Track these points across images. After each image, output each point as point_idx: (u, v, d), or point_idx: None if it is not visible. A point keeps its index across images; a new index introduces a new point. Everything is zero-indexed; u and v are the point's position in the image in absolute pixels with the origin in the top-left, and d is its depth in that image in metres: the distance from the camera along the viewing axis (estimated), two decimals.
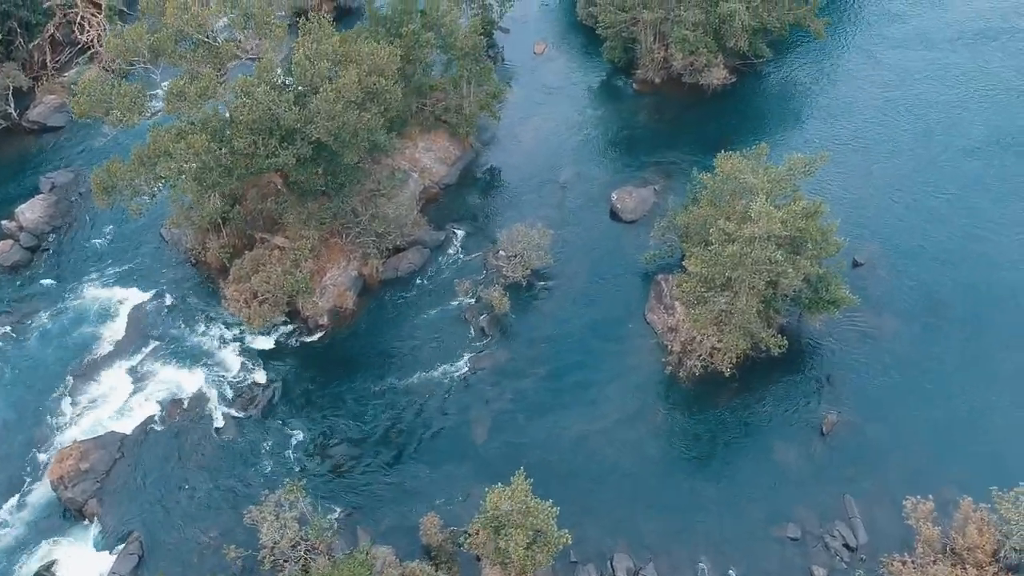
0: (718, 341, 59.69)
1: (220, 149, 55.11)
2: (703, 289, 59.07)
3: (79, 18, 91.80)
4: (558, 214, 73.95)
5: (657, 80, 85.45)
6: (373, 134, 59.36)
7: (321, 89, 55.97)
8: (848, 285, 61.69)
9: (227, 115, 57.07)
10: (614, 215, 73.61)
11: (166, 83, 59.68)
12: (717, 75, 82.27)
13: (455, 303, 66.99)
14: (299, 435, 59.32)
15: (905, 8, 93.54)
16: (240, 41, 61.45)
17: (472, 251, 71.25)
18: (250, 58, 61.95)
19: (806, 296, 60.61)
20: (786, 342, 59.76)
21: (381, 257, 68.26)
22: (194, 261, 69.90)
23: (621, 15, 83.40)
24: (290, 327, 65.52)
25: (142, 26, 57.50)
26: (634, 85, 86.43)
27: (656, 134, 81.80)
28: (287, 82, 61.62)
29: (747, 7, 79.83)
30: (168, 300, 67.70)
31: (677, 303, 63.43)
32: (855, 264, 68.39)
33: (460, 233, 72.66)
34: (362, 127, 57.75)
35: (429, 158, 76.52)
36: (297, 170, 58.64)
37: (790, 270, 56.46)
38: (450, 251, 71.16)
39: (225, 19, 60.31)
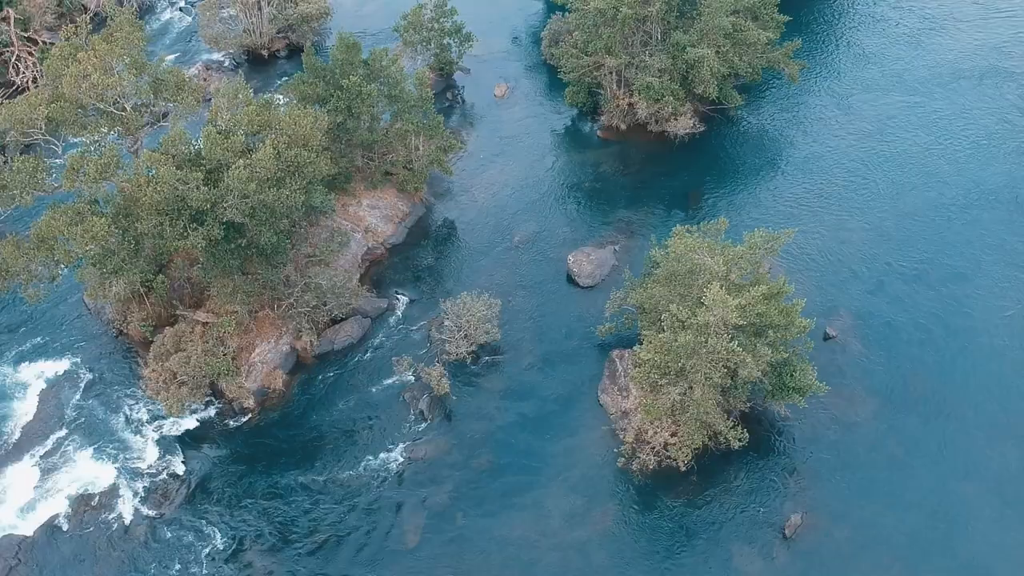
0: (672, 435, 54.83)
1: (124, 232, 50.16)
2: (656, 375, 54.23)
3: (14, 58, 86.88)
4: (511, 278, 69.06)
5: (623, 126, 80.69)
6: (294, 211, 54.38)
7: (234, 166, 50.98)
8: (817, 366, 56.88)
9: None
10: (570, 279, 68.73)
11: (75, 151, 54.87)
12: (684, 124, 77.46)
13: (394, 381, 62.06)
14: (216, 537, 54.26)
15: (882, 48, 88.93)
16: (152, 106, 56.45)
17: (417, 320, 66.35)
18: (162, 125, 57.07)
19: (769, 382, 55.83)
20: (747, 434, 54.87)
21: (316, 330, 63.36)
22: (116, 332, 64.99)
23: (584, 59, 78.58)
24: (214, 410, 60.56)
25: (41, 94, 52.56)
26: (598, 132, 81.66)
27: (619, 187, 76.97)
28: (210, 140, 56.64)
29: (717, 52, 75.20)
30: (86, 377, 62.70)
31: (632, 384, 58.62)
32: (826, 337, 63.63)
33: (404, 300, 67.75)
34: (280, 205, 52.75)
35: (375, 216, 71.64)
36: (209, 252, 53.68)
37: (748, 360, 51.62)
38: (392, 321, 66.25)
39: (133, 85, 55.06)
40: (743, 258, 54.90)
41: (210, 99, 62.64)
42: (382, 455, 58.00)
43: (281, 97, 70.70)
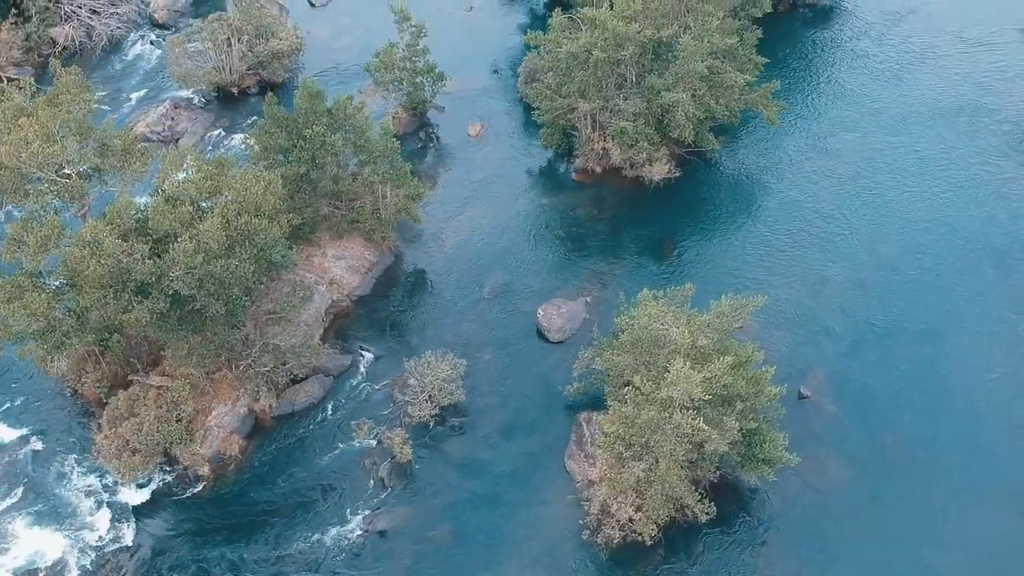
0: (637, 510, 53.07)
1: (67, 309, 48.34)
2: (621, 448, 52.49)
3: None
4: (479, 333, 67.27)
5: (598, 169, 78.88)
6: (245, 280, 52.50)
7: (180, 238, 49.14)
8: (789, 430, 55.26)
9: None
10: (540, 334, 66.99)
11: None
12: (659, 170, 75.69)
13: (355, 446, 60.28)
14: None
15: (861, 85, 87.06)
16: (100, 170, 54.51)
17: (381, 379, 64.54)
18: (110, 190, 55.24)
19: (738, 452, 54.07)
20: (714, 507, 53.14)
21: (275, 391, 61.52)
22: (71, 391, 63.18)
23: (557, 102, 76.84)
24: (168, 478, 58.73)
25: None
26: (573, 174, 79.85)
27: (593, 233, 75.18)
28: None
29: (693, 95, 73.44)
30: (37, 440, 60.85)
31: (599, 451, 56.86)
32: (800, 396, 62.00)
33: (369, 356, 65.97)
34: (229, 276, 50.91)
35: (340, 267, 69.84)
36: (157, 324, 51.80)
37: (714, 436, 49.90)
38: (356, 379, 64.43)
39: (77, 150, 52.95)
40: (710, 326, 53.21)
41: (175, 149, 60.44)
42: (340, 527, 56.20)
43: (250, 141, 68.81)
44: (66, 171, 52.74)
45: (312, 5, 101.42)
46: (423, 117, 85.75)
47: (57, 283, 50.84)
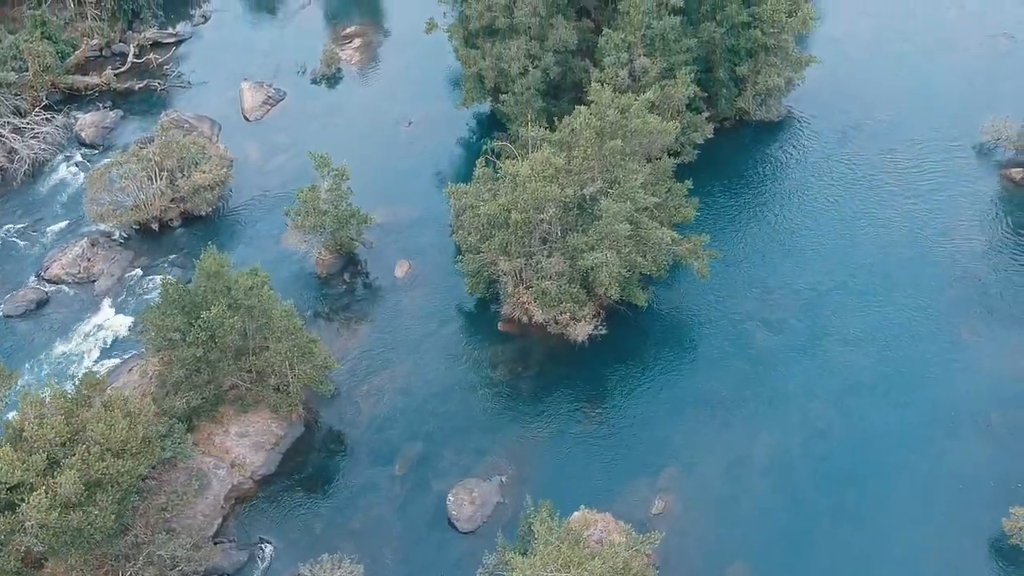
0: None
1: None
2: None
3: None
4: (387, 520, 64.44)
5: (525, 319, 76.17)
6: (105, 531, 49.64)
7: (34, 493, 46.33)
8: None
9: None
10: (450, 522, 64.16)
11: None
12: (583, 330, 72.92)
13: None
14: None
15: (803, 217, 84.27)
16: None
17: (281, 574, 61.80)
18: None
19: None
20: None
21: None
22: None
23: (479, 257, 74.18)
24: None
25: None
26: (499, 324, 77.10)
27: (515, 395, 72.42)
28: None
29: (618, 253, 70.67)
30: None
31: None
32: None
33: (269, 549, 63.05)
34: (88, 527, 48.09)
35: (244, 445, 67.00)
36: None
37: None
38: None
39: None
40: (605, 563, 50.46)
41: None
42: None
43: (141, 326, 66.21)
44: None
45: (246, 119, 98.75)
46: (349, 255, 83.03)
47: None
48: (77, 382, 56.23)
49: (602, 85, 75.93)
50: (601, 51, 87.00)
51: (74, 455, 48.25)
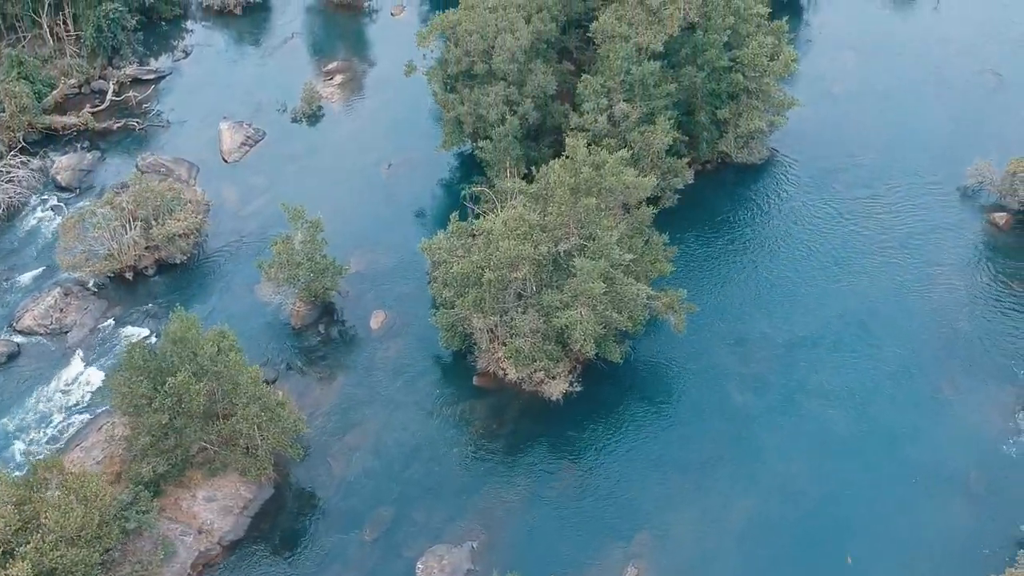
0: None
1: None
2: None
3: None
4: None
5: (499, 373, 75.27)
6: None
7: None
8: None
9: None
10: None
11: None
12: (557, 388, 72.02)
13: None
14: None
15: (780, 265, 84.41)
16: None
17: None
18: None
19: None
20: None
21: None
22: None
23: (453, 312, 73.33)
24: None
25: None
26: (475, 379, 76.17)
27: (490, 453, 71.55)
28: None
29: (593, 309, 69.82)
30: None
31: None
32: None
33: None
34: None
35: (212, 510, 66.07)
36: None
37: None
38: None
39: None
40: None
41: None
42: None
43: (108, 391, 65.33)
44: None
45: (225, 161, 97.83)
46: (325, 304, 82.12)
47: None
48: (33, 462, 55.39)
49: (578, 138, 75.20)
50: (580, 96, 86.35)
51: (28, 543, 47.33)
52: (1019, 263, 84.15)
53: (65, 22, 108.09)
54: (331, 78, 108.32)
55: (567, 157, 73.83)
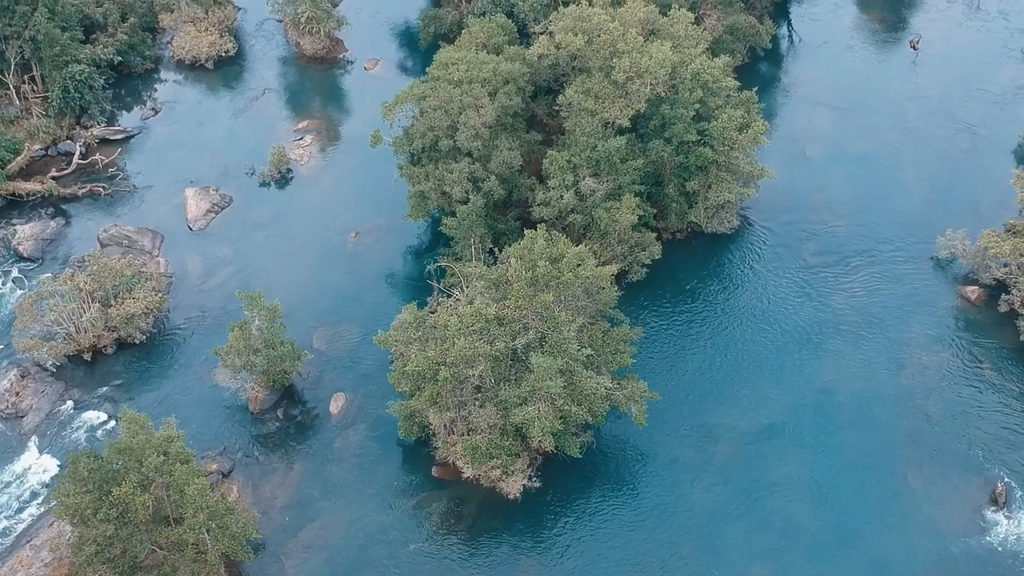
0: None
1: None
2: None
3: None
4: None
5: (459, 463, 74.13)
6: None
7: None
8: None
9: None
10: None
11: None
12: (515, 486, 71.08)
13: None
14: None
15: (746, 353, 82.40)
16: None
17: None
18: None
19: None
20: None
21: None
22: None
23: (409, 405, 72.19)
24: None
25: None
26: (434, 470, 74.97)
27: (446, 549, 70.39)
28: None
29: (552, 404, 68.65)
30: None
31: None
32: None
33: None
34: None
35: None
36: None
37: None
38: None
39: None
40: None
41: None
42: None
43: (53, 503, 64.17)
44: None
45: (190, 229, 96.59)
46: (285, 388, 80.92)
47: None
48: None
49: (536, 231, 74.37)
50: (546, 172, 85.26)
51: None
52: (990, 341, 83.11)
53: (32, 81, 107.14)
54: (301, 138, 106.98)
55: (527, 249, 72.66)
